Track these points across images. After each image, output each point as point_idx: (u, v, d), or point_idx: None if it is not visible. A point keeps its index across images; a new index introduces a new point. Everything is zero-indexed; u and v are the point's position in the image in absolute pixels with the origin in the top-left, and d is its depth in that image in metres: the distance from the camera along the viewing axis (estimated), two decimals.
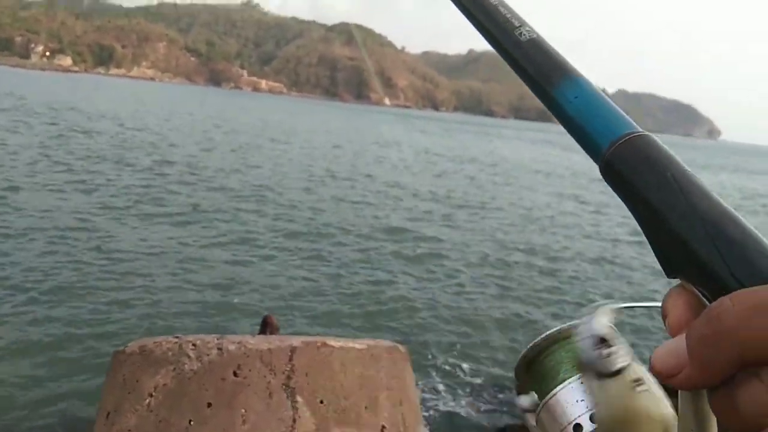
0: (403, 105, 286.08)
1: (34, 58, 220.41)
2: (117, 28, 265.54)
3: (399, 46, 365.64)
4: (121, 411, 1.78)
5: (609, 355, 0.38)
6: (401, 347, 2.13)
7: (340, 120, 63.55)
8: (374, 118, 75.87)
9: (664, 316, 0.32)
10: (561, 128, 0.40)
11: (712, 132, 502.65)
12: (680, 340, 0.29)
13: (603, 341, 0.38)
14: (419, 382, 6.01)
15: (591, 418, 0.39)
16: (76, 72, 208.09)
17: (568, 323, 0.43)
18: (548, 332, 0.45)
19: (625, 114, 0.37)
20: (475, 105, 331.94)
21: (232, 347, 1.76)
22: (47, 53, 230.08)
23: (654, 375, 0.30)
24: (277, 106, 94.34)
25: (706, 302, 0.30)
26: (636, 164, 0.33)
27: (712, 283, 0.29)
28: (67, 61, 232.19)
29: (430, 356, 7.29)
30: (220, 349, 1.76)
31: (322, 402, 1.71)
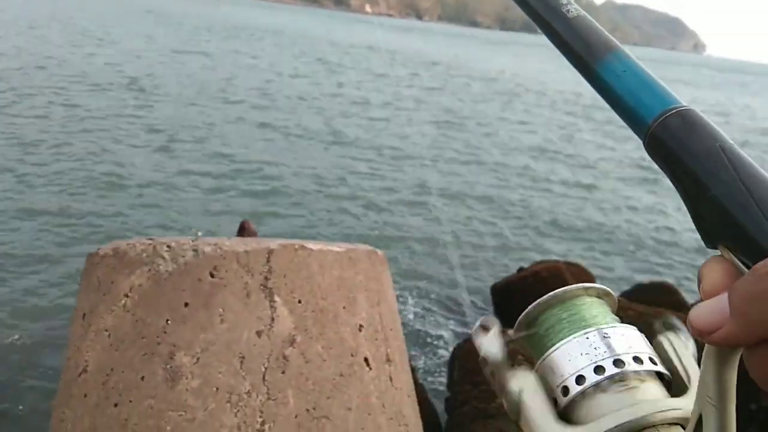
0: (385, 13, 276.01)
1: None
2: None
3: None
4: (97, 312, 1.77)
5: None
6: (379, 252, 2.14)
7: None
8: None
9: (700, 281, 0.33)
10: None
11: (697, 46, 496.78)
12: (721, 299, 0.30)
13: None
14: (396, 287, 6.14)
15: (594, 370, 0.38)
16: None
17: (563, 288, 0.41)
18: (539, 300, 0.42)
19: (670, 89, 0.37)
20: (459, 14, 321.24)
21: (207, 249, 1.74)
22: None
23: (692, 332, 0.31)
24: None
25: (745, 269, 0.31)
26: (683, 136, 0.35)
27: (757, 250, 0.30)
28: None
29: (407, 263, 7.45)
30: (195, 250, 1.73)
31: (299, 302, 1.72)
